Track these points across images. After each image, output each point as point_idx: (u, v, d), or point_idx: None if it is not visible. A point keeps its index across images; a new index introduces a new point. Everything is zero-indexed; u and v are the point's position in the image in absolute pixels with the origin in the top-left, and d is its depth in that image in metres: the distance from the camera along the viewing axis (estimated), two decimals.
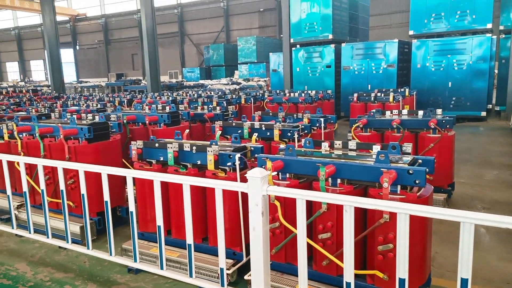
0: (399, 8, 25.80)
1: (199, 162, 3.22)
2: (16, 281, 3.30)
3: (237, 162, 3.01)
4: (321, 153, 3.01)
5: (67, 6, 39.25)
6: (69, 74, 35.48)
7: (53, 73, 17.84)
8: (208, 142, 3.38)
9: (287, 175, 2.91)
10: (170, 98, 8.68)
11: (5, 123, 4.50)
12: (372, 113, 4.75)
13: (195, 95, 9.83)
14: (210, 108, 5.95)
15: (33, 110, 6.56)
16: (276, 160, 2.82)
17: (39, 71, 42.60)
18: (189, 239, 2.74)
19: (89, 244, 3.26)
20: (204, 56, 31.36)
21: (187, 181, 2.66)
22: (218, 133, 3.85)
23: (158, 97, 9.20)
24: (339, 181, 2.67)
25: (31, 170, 4.10)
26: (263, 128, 4.32)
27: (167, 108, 5.34)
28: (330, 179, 2.68)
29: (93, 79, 32.03)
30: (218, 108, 6.13)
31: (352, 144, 2.99)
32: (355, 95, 8.65)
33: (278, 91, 10.49)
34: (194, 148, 3.20)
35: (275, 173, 2.89)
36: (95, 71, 38.34)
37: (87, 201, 3.22)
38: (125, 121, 4.91)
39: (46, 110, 6.79)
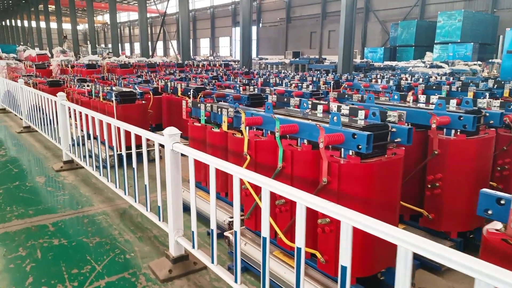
0: None
1: None
2: None
3: None
4: None
5: None
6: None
7: (243, 49, 17.98)
8: None
9: None
10: (392, 82, 6.61)
11: (226, 108, 3.28)
12: None
13: (421, 80, 7.48)
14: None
15: (241, 88, 5.50)
16: None
17: (225, 47, 46.19)
18: None
19: None
20: (390, 35, 27.86)
21: None
22: None
23: (374, 80, 7.23)
24: None
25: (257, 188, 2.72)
26: None
27: (454, 102, 3.29)
28: None
29: (270, 56, 32.44)
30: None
31: None
32: None
33: None
34: None
35: None
36: (273, 48, 39.04)
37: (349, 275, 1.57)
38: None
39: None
